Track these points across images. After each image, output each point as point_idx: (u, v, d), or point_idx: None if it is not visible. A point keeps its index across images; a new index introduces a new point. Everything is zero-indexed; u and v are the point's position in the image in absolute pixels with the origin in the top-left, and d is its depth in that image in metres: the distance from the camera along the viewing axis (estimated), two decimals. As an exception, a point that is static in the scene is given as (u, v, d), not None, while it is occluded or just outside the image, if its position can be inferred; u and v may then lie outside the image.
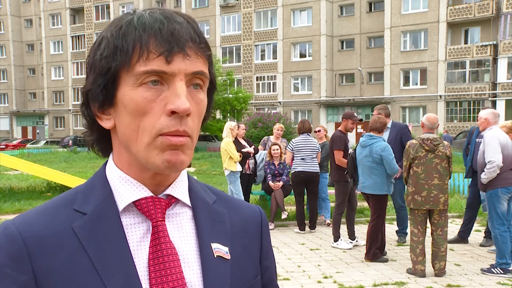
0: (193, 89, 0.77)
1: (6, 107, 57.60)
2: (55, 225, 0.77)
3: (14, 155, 27.09)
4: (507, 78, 33.69)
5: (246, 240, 0.89)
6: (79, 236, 0.76)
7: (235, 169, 8.16)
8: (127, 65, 0.74)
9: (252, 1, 42.85)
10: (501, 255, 5.62)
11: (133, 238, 0.78)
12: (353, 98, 39.35)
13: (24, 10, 57.66)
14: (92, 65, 0.78)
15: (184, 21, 0.76)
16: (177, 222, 0.82)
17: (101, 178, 0.82)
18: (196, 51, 0.76)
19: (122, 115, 0.77)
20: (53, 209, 0.79)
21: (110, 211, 0.78)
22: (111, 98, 0.77)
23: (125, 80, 0.75)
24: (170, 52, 0.73)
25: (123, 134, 0.78)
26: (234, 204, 0.93)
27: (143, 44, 0.73)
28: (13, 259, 0.74)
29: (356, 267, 6.06)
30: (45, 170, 13.17)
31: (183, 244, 0.81)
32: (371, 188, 6.17)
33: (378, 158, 6.07)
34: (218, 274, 0.81)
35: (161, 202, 0.80)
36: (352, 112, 7.24)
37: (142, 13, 0.77)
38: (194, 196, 0.85)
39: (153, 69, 0.73)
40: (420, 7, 36.40)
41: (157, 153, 0.75)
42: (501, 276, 5.56)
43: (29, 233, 0.75)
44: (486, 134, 5.83)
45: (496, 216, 5.65)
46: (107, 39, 0.76)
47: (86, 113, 0.81)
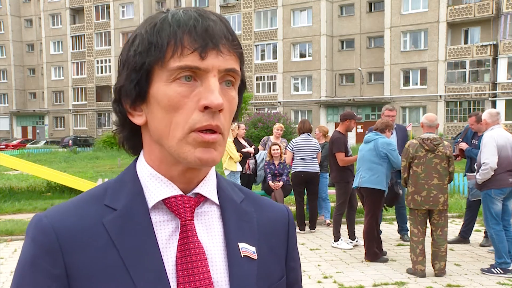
0: (225, 86, 0.77)
1: (6, 107, 57.60)
2: (86, 220, 0.77)
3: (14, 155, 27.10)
4: (507, 78, 33.69)
5: (273, 240, 0.89)
6: (109, 231, 0.76)
7: (235, 169, 8.17)
8: (161, 60, 0.75)
9: (252, 1, 42.86)
10: (499, 255, 5.64)
11: (162, 236, 0.79)
12: (353, 98, 39.35)
13: (24, 10, 57.66)
14: (126, 62, 0.79)
15: (218, 19, 0.77)
16: (205, 220, 0.83)
17: (132, 174, 0.83)
18: (229, 49, 0.77)
19: (154, 110, 0.77)
20: (84, 203, 0.80)
21: (140, 208, 0.79)
22: (143, 94, 0.78)
23: (158, 75, 0.76)
24: (204, 48, 0.74)
25: (155, 129, 0.78)
26: (262, 203, 0.93)
27: (178, 40, 0.74)
28: (47, 252, 0.75)
29: (356, 267, 6.06)
30: (45, 170, 13.17)
31: (210, 243, 0.81)
32: (370, 182, 6.18)
33: (383, 152, 6.11)
34: (245, 274, 0.81)
35: (190, 200, 0.81)
36: (352, 112, 7.24)
37: (176, 11, 0.78)
38: (222, 195, 0.86)
39: (187, 64, 0.74)
40: (420, 7, 36.41)
41: (189, 149, 0.75)
42: (501, 276, 5.57)
43: (61, 227, 0.76)
44: (485, 134, 5.86)
45: (491, 216, 5.72)
46: (141, 36, 0.77)
47: (118, 110, 0.82)
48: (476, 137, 6.92)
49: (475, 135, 7.01)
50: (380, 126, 6.36)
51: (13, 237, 7.64)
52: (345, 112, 7.20)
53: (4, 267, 6.10)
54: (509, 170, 5.68)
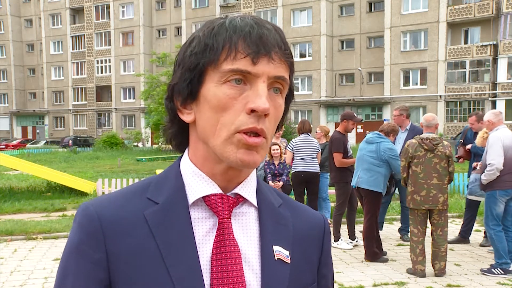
0: (273, 93, 0.80)
1: (6, 107, 57.60)
2: (128, 210, 0.81)
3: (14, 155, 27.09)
4: (507, 78, 33.69)
5: (307, 246, 0.91)
6: (149, 223, 0.80)
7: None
8: (215, 62, 0.78)
9: (252, 1, 42.87)
10: (499, 255, 5.63)
11: (199, 232, 0.81)
12: (353, 98, 39.36)
13: (24, 10, 57.66)
14: (182, 61, 0.82)
15: (273, 28, 0.81)
16: (242, 221, 0.85)
17: (175, 171, 0.86)
18: (281, 57, 0.79)
19: (203, 109, 0.80)
20: (127, 195, 0.84)
21: (181, 203, 0.82)
22: (195, 93, 0.81)
23: (210, 76, 0.79)
24: (256, 54, 0.77)
25: (202, 128, 0.81)
26: (299, 209, 0.95)
27: (232, 44, 0.77)
28: (91, 237, 0.79)
29: (356, 267, 6.06)
30: (45, 170, 13.17)
31: (246, 243, 0.83)
32: (368, 183, 6.18)
33: (384, 156, 6.10)
34: (277, 276, 0.83)
35: (229, 200, 0.83)
36: (352, 112, 7.24)
37: (234, 17, 0.81)
38: (261, 198, 0.88)
39: (239, 68, 0.77)
40: (420, 7, 36.41)
41: (232, 149, 0.78)
42: (501, 276, 5.57)
43: (105, 215, 0.80)
44: (490, 135, 5.77)
45: (491, 217, 5.69)
46: (198, 38, 0.81)
47: (169, 106, 0.85)
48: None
49: (475, 135, 7.00)
50: (387, 128, 6.35)
51: (13, 237, 7.64)
52: (345, 112, 7.18)
53: (4, 267, 6.09)
54: None
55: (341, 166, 6.93)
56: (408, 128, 7.24)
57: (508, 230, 5.81)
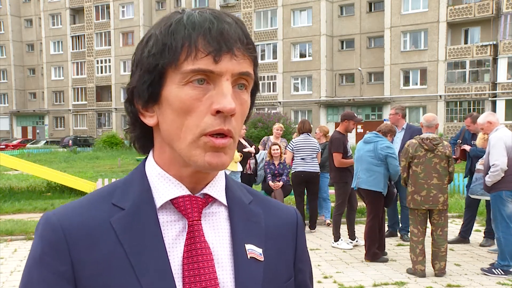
0: (238, 90, 0.77)
1: (6, 107, 57.60)
2: (94, 218, 0.78)
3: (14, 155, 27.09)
4: (507, 78, 33.68)
5: (281, 242, 0.89)
6: (116, 230, 0.77)
7: (236, 169, 8.16)
8: (174, 63, 0.74)
9: (252, 1, 42.86)
10: (503, 257, 5.58)
11: (169, 236, 0.79)
12: (353, 98, 39.36)
13: (24, 10, 57.65)
14: (139, 62, 0.78)
15: (233, 22, 0.77)
16: (212, 221, 0.83)
17: (141, 174, 0.83)
18: (244, 52, 0.76)
19: (166, 112, 0.77)
20: (92, 202, 0.81)
21: (148, 207, 0.79)
22: (156, 96, 0.77)
23: (171, 78, 0.75)
24: (218, 52, 0.73)
25: (166, 131, 0.78)
26: (270, 205, 0.93)
27: (192, 43, 0.73)
28: (54, 248, 0.76)
29: (356, 267, 6.06)
30: (45, 170, 13.17)
31: (217, 244, 0.81)
32: (368, 183, 6.19)
33: (382, 155, 6.10)
34: (251, 275, 0.81)
35: (198, 201, 0.81)
36: (352, 112, 7.24)
37: (191, 12, 0.77)
38: (230, 196, 0.86)
39: (200, 68, 0.73)
40: (420, 7, 36.41)
41: (199, 153, 0.75)
42: (502, 276, 5.56)
43: (69, 224, 0.77)
44: (491, 136, 5.72)
45: (501, 218, 5.58)
46: (155, 37, 0.76)
47: (129, 110, 0.82)
48: (475, 138, 6.91)
49: (473, 136, 7.00)
50: (384, 129, 6.36)
51: (13, 237, 7.64)
52: (345, 112, 7.19)
53: (4, 267, 6.09)
54: None
55: (341, 166, 6.94)
56: (404, 128, 7.26)
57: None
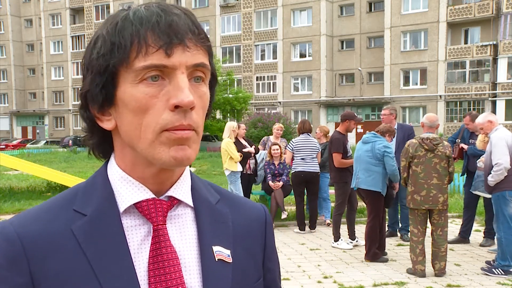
0: (195, 82, 0.75)
1: (6, 107, 57.59)
2: (54, 226, 0.75)
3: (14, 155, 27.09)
4: (507, 78, 33.68)
5: (249, 241, 0.87)
6: (78, 238, 0.74)
7: (236, 169, 8.16)
8: (125, 61, 0.72)
9: (252, 1, 42.85)
10: (503, 257, 5.57)
11: (134, 241, 0.77)
12: (353, 98, 39.36)
13: (24, 10, 57.65)
14: (89, 65, 0.75)
15: (182, 13, 0.74)
16: (178, 224, 0.81)
17: (102, 178, 0.80)
18: (196, 43, 0.74)
19: (123, 113, 0.74)
20: (52, 209, 0.77)
21: (111, 212, 0.77)
22: (111, 98, 0.75)
23: (124, 77, 0.73)
24: (169, 45, 0.71)
25: (125, 133, 0.76)
26: (238, 203, 0.91)
27: (141, 39, 0.71)
28: (11, 260, 0.72)
29: (356, 267, 6.07)
30: (45, 170, 13.17)
31: (184, 247, 0.79)
32: (366, 183, 6.20)
33: (380, 154, 6.11)
34: (219, 278, 0.79)
35: (163, 204, 0.78)
36: (353, 112, 7.26)
37: (137, 7, 0.75)
38: (197, 196, 0.84)
39: (153, 63, 0.71)
40: (420, 7, 36.40)
41: (163, 149, 0.73)
42: (501, 276, 5.56)
43: (27, 234, 0.74)
44: (493, 135, 5.72)
45: (503, 219, 5.55)
46: (103, 37, 0.74)
47: (85, 116, 0.79)
48: (474, 136, 6.93)
49: (472, 135, 7.02)
50: (383, 129, 6.38)
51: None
52: (345, 112, 7.20)
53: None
54: None
55: (340, 167, 6.94)
56: (396, 127, 7.29)
57: None
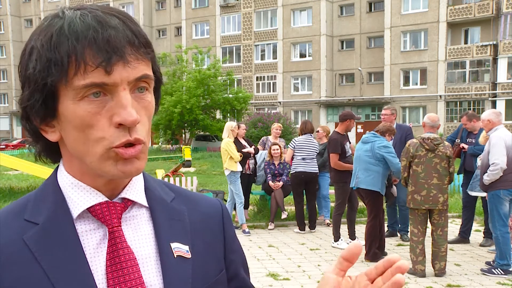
0: (139, 93, 0.74)
1: (6, 107, 57.60)
2: (5, 237, 0.73)
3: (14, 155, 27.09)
4: (507, 78, 33.68)
5: (208, 236, 0.87)
6: (31, 247, 0.72)
7: (236, 169, 8.16)
8: (64, 79, 0.69)
9: (252, 1, 42.85)
10: (502, 256, 5.60)
11: (90, 245, 0.76)
12: (353, 98, 39.36)
13: (24, 10, 57.66)
14: (26, 79, 0.73)
15: (120, 23, 0.71)
16: (134, 224, 0.80)
17: (53, 185, 0.79)
18: (137, 55, 0.72)
19: (67, 129, 0.73)
20: (2, 220, 0.76)
21: (63, 219, 0.75)
22: (52, 112, 0.73)
23: (64, 94, 0.71)
24: (108, 62, 0.69)
25: (72, 147, 0.75)
26: (194, 200, 0.91)
27: (79, 56, 0.68)
28: None
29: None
30: (45, 170, 13.15)
31: (141, 246, 0.79)
32: (366, 183, 6.20)
33: (380, 154, 6.11)
34: (179, 274, 0.79)
35: (116, 206, 0.78)
36: (351, 111, 7.28)
37: (72, 17, 0.71)
38: (151, 196, 0.83)
39: (93, 81, 0.69)
40: (420, 7, 36.41)
41: (110, 163, 0.72)
42: (501, 276, 5.56)
43: None
44: (492, 135, 5.76)
45: (498, 217, 5.61)
46: (37, 51, 0.71)
47: (28, 127, 0.77)
48: (472, 136, 6.94)
49: (469, 134, 7.04)
50: (382, 128, 6.38)
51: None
52: (344, 112, 7.21)
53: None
54: None
55: (336, 168, 6.95)
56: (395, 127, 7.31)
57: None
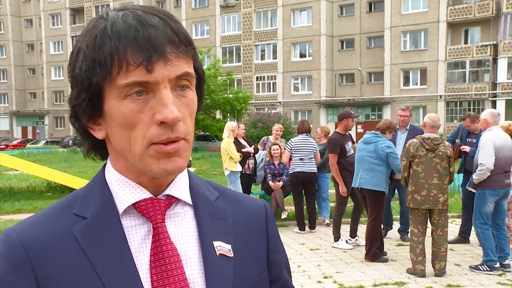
0: (180, 91, 0.75)
1: (6, 107, 57.58)
2: (55, 230, 0.77)
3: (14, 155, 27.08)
4: (507, 78, 33.68)
5: (250, 236, 0.88)
6: (79, 240, 0.75)
7: (235, 169, 8.16)
8: (108, 78, 0.72)
9: (252, 1, 42.84)
10: (486, 253, 5.75)
11: (134, 240, 0.78)
12: (353, 98, 39.35)
13: (24, 10, 57.64)
14: (74, 79, 0.76)
15: (160, 22, 0.73)
16: (178, 222, 0.81)
17: (100, 181, 0.82)
18: (178, 53, 0.73)
19: (112, 127, 0.75)
20: (53, 214, 0.79)
21: (110, 214, 0.78)
22: (99, 111, 0.76)
23: (109, 92, 0.73)
24: (149, 61, 0.70)
25: (116, 144, 0.77)
26: (237, 199, 0.91)
27: (121, 56, 0.71)
28: (15, 266, 0.74)
29: (356, 267, 6.06)
30: (45, 170, 13.16)
31: (184, 244, 0.80)
32: (371, 184, 6.19)
33: (383, 154, 6.10)
34: (221, 272, 0.80)
35: (161, 203, 0.79)
36: (348, 110, 7.27)
37: (115, 18, 0.73)
38: (195, 194, 0.85)
39: (134, 80, 0.71)
40: (420, 7, 36.40)
41: (152, 161, 0.74)
42: (489, 273, 5.64)
43: (29, 240, 0.75)
44: (483, 135, 5.87)
45: (479, 215, 5.81)
46: (83, 52, 0.74)
47: (76, 125, 0.80)
48: (473, 135, 6.93)
49: (469, 134, 7.02)
50: (382, 126, 6.35)
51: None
52: (342, 111, 7.21)
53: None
54: (505, 172, 5.70)
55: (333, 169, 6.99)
56: (408, 129, 7.23)
57: (500, 229, 5.90)
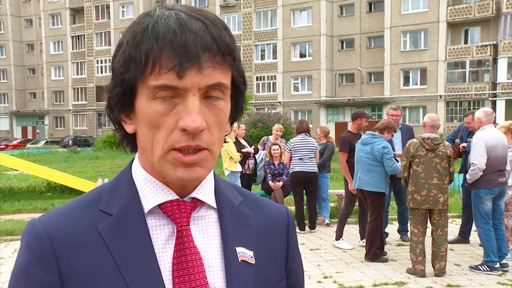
0: (211, 100, 0.74)
1: (6, 107, 57.59)
2: (80, 225, 0.77)
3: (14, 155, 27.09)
4: (507, 78, 33.68)
5: (272, 242, 0.88)
6: (104, 237, 0.76)
7: (235, 169, 8.16)
8: (141, 77, 0.72)
9: (252, 1, 42.85)
10: (486, 253, 5.75)
11: (158, 240, 0.78)
12: (353, 98, 39.36)
13: (24, 10, 57.65)
14: (113, 71, 0.77)
15: (202, 27, 0.72)
16: (202, 225, 0.82)
17: (127, 178, 0.82)
18: (213, 62, 0.72)
19: (140, 123, 0.76)
20: (78, 208, 0.79)
21: (136, 212, 0.78)
22: (130, 106, 0.77)
23: (141, 91, 0.74)
24: (181, 67, 0.70)
25: (141, 141, 0.78)
26: (261, 205, 0.91)
27: (155, 57, 0.70)
28: (41, 258, 0.74)
29: (356, 267, 6.06)
30: (45, 170, 13.17)
31: (207, 248, 0.80)
32: (369, 185, 6.19)
33: (379, 156, 6.10)
34: (242, 279, 0.80)
35: (186, 205, 0.79)
36: (363, 110, 7.37)
37: (158, 17, 0.73)
38: (220, 198, 0.84)
39: (164, 83, 0.71)
40: (420, 7, 36.41)
41: (169, 167, 0.74)
42: (489, 273, 5.64)
43: (55, 232, 0.75)
44: (475, 134, 5.89)
45: (479, 215, 5.79)
46: (124, 46, 0.75)
47: (111, 116, 0.81)
48: (472, 135, 6.93)
49: (470, 134, 7.03)
50: (380, 126, 6.34)
51: (13, 237, 7.64)
52: (356, 111, 7.34)
53: (4, 267, 6.10)
54: (499, 170, 5.72)
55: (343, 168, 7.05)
56: (400, 128, 7.30)
57: (497, 228, 5.91)
